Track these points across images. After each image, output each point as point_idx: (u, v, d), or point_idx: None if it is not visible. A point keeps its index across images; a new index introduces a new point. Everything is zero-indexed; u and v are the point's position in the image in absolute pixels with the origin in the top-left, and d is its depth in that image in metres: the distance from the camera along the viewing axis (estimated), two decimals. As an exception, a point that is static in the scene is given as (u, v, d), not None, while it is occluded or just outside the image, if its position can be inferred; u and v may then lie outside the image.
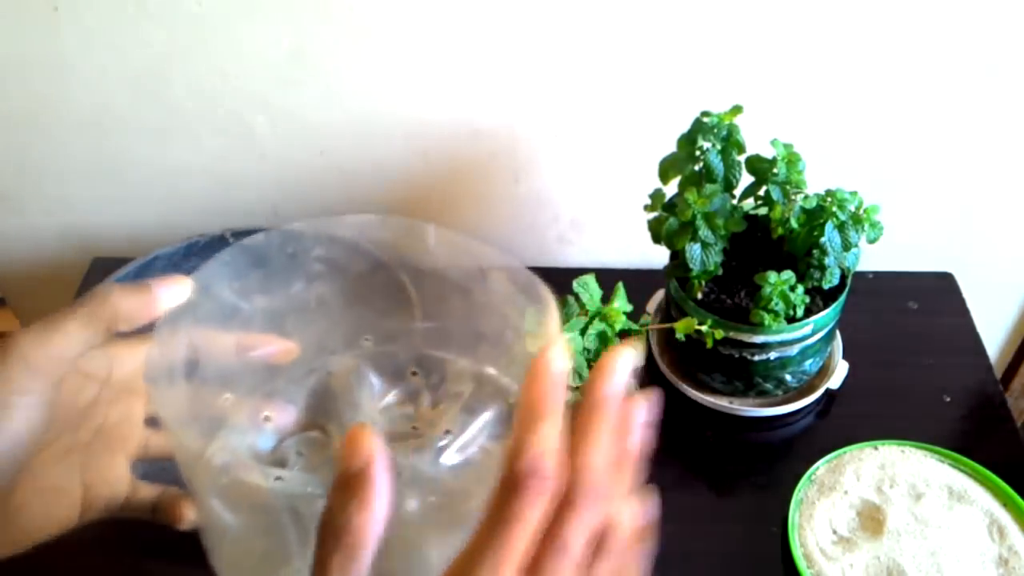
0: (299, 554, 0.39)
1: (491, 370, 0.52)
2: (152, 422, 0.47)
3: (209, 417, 0.46)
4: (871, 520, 0.69)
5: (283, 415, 0.49)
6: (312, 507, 0.37)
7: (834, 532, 0.69)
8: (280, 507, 0.38)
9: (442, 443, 0.46)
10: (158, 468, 0.48)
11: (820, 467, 0.73)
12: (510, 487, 0.32)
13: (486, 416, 0.48)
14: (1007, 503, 0.69)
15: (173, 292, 0.40)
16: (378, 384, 0.52)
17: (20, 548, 0.41)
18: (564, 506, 0.32)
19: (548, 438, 0.33)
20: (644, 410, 0.35)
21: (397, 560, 0.40)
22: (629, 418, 0.35)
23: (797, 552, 0.67)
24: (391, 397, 0.52)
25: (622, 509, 0.35)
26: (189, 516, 0.45)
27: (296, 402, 0.50)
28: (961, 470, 0.72)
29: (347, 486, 0.33)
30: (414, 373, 0.53)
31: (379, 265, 0.50)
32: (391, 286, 0.51)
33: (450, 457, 0.46)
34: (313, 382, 0.51)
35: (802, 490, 0.72)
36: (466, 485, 0.38)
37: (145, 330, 0.41)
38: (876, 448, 0.74)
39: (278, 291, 0.48)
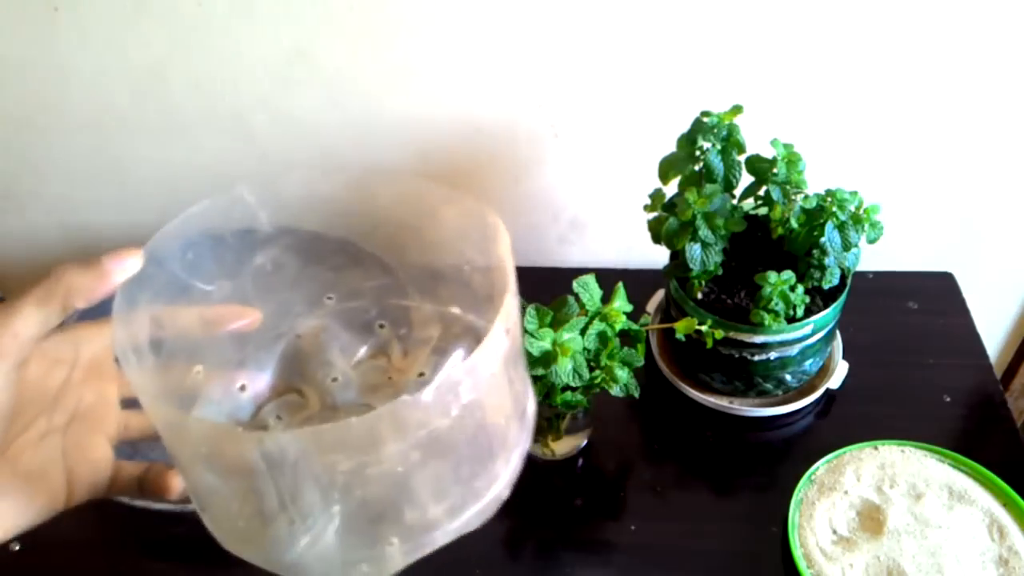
0: (280, 516, 0.39)
1: (456, 310, 0.52)
2: (127, 404, 0.47)
3: (183, 392, 0.46)
4: (871, 520, 0.69)
5: (257, 382, 0.49)
6: (293, 470, 0.38)
7: (834, 532, 0.69)
8: (262, 470, 0.38)
9: (417, 387, 0.47)
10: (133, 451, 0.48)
11: (820, 467, 0.73)
12: None
13: (457, 355, 0.49)
14: (1007, 503, 0.69)
15: (124, 265, 0.40)
16: (348, 341, 0.52)
17: (2, 537, 0.40)
18: None
19: None
20: None
21: (382, 487, 0.40)
22: None
23: (797, 552, 0.67)
24: (362, 352, 0.52)
25: None
26: (177, 486, 0.44)
27: (268, 368, 0.50)
28: (961, 470, 0.72)
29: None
30: (381, 326, 0.53)
31: (329, 220, 0.49)
32: (344, 240, 0.50)
33: (427, 396, 0.45)
34: (283, 346, 0.51)
35: (802, 490, 0.72)
36: (442, 400, 0.39)
37: (107, 311, 0.41)
38: (876, 448, 0.74)
39: (232, 259, 0.48)
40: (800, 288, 0.70)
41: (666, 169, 0.72)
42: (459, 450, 0.41)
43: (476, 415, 0.41)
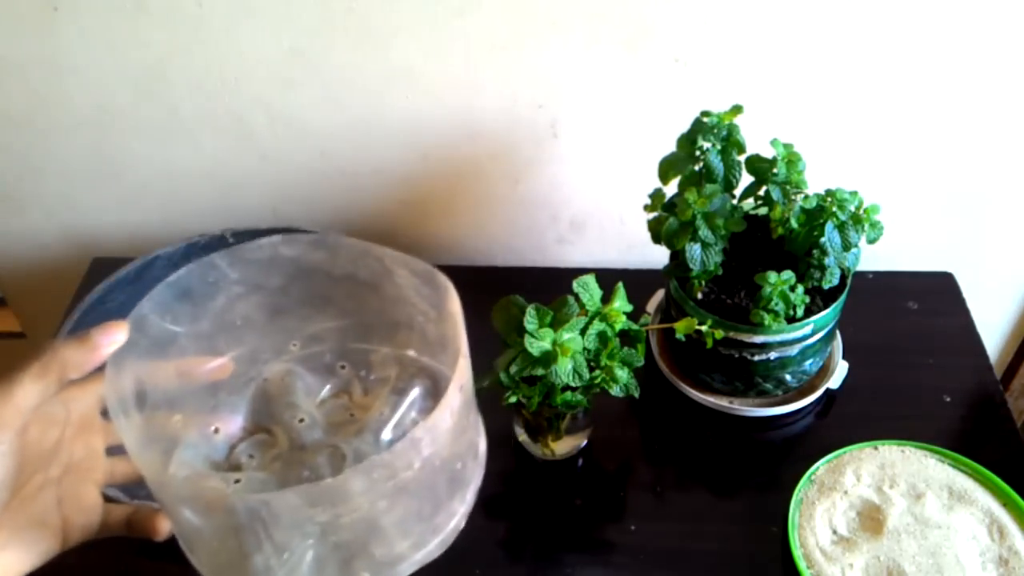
0: (257, 550, 0.44)
1: (411, 353, 0.57)
2: (112, 451, 0.51)
3: (165, 438, 0.51)
4: (871, 520, 0.69)
5: (230, 425, 0.55)
6: (268, 507, 0.42)
7: (834, 532, 0.69)
8: (240, 508, 0.42)
9: (378, 424, 0.52)
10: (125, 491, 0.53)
11: (820, 467, 0.73)
12: None
13: (414, 393, 0.54)
14: (1007, 503, 0.69)
15: (112, 339, 0.45)
16: (312, 382, 0.57)
17: None
18: None
19: None
20: None
21: (354, 532, 0.44)
22: None
23: (797, 552, 0.67)
24: (325, 392, 0.57)
25: None
26: (164, 527, 0.49)
27: (239, 411, 0.55)
28: (961, 470, 0.72)
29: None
30: (343, 367, 0.58)
31: (293, 277, 0.55)
32: (306, 294, 0.56)
33: (387, 434, 0.52)
34: (252, 390, 0.56)
35: (802, 490, 0.72)
36: (405, 456, 0.43)
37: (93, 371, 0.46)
38: (876, 448, 0.74)
39: (206, 317, 0.53)
40: (800, 288, 0.70)
41: (666, 169, 0.72)
42: (421, 494, 0.46)
43: (435, 464, 0.45)
